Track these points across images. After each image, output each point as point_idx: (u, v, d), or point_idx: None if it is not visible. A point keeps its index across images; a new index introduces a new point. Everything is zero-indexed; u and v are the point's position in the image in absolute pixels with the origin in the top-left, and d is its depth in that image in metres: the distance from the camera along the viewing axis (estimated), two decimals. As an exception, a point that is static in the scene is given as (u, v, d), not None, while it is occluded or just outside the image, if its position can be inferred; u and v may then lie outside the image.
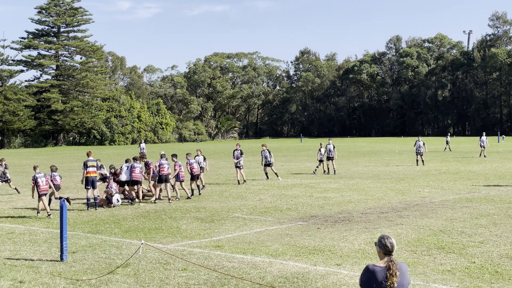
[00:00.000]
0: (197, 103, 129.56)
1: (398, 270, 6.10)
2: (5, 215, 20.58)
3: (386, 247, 6.22)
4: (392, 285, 6.03)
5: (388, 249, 6.21)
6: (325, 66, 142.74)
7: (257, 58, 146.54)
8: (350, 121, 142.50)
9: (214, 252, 13.91)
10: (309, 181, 30.28)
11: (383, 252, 6.24)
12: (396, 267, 6.09)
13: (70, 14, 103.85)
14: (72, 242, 14.98)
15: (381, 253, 6.26)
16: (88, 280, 11.58)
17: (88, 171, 21.61)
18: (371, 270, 6.14)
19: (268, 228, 17.02)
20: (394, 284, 6.04)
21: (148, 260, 13.11)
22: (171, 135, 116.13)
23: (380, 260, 6.24)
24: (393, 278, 6.03)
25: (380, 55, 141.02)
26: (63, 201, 13.57)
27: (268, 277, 11.69)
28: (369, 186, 27.53)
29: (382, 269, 6.11)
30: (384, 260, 6.19)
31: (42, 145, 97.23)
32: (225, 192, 26.04)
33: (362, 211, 19.87)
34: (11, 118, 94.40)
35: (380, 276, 6.08)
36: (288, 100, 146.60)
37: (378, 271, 6.11)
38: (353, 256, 13.20)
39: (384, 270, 6.09)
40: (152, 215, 19.79)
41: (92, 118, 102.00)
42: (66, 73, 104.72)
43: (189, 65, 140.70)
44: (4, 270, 12.50)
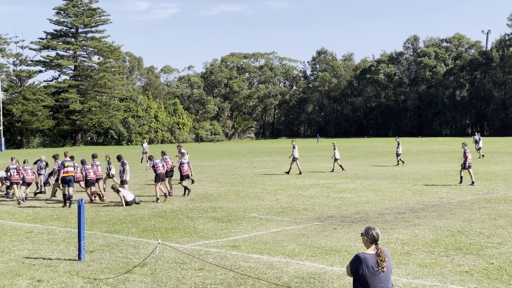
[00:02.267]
0: (214, 103, 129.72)
1: (386, 256, 6.91)
2: (24, 215, 20.76)
3: (373, 237, 7.00)
4: (383, 269, 6.84)
5: (374, 238, 6.99)
6: (342, 66, 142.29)
7: (274, 58, 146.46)
8: (367, 121, 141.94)
9: (231, 252, 13.92)
10: (326, 181, 30.22)
11: (370, 241, 7.00)
12: (384, 253, 6.89)
13: (88, 14, 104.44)
14: (89, 241, 15.07)
15: (368, 242, 7.02)
16: (106, 279, 11.64)
17: (66, 170, 22.76)
18: (362, 257, 6.88)
19: (284, 228, 17.00)
20: (385, 268, 6.86)
21: (165, 260, 13.16)
22: (188, 135, 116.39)
23: (367, 248, 7.00)
24: (383, 263, 6.84)
25: (398, 55, 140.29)
26: (81, 201, 13.66)
27: (285, 277, 11.68)
28: (386, 186, 27.41)
29: (371, 256, 6.88)
30: (371, 248, 6.96)
31: (60, 145, 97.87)
32: (242, 192, 26.06)
33: (379, 212, 19.79)
34: (30, 118, 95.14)
35: (370, 262, 6.83)
36: (304, 100, 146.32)
37: (368, 258, 6.87)
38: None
39: (374, 256, 6.87)
40: (169, 215, 19.85)
41: (110, 118, 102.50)
42: (84, 73, 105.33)
43: (206, 65, 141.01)
44: (22, 269, 12.61)
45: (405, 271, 12.04)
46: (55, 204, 23.36)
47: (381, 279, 6.87)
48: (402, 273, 11.90)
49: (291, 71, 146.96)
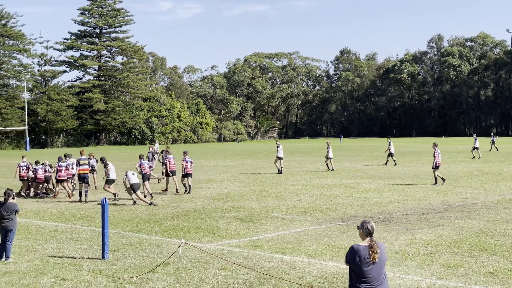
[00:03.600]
0: (237, 103, 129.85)
1: (379, 248, 7.32)
2: (48, 214, 20.97)
3: (367, 230, 7.48)
4: (374, 260, 7.24)
5: (369, 231, 7.47)
6: (365, 66, 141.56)
7: (297, 58, 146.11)
8: (390, 121, 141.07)
9: (253, 252, 13.93)
10: (349, 181, 30.10)
11: (365, 234, 7.48)
12: (377, 246, 7.31)
13: (112, 15, 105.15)
14: (113, 240, 15.17)
15: (363, 235, 7.50)
16: (129, 278, 11.71)
17: (81, 168, 24.39)
18: (356, 249, 7.34)
19: (307, 228, 16.98)
20: (376, 259, 7.25)
21: (188, 259, 13.20)
22: (210, 135, 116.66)
23: (363, 240, 7.46)
24: (374, 254, 7.25)
25: (421, 55, 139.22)
26: (104, 200, 13.76)
27: (307, 277, 11.66)
28: (410, 186, 27.24)
29: (365, 248, 7.32)
30: (366, 240, 7.42)
31: (84, 144, 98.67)
32: (264, 192, 26.06)
33: (402, 212, 19.67)
34: (54, 118, 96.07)
35: (363, 253, 7.27)
36: (327, 100, 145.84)
37: (361, 249, 7.31)
38: (393, 257, 13.07)
39: (367, 248, 7.30)
40: (192, 215, 19.92)
41: (133, 118, 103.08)
42: (107, 73, 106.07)
43: (228, 65, 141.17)
44: (47, 267, 12.73)
45: (429, 271, 11.96)
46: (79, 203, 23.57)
47: (373, 270, 7.28)
48: (426, 273, 11.81)
49: (314, 70, 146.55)
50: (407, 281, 11.29)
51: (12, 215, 13.57)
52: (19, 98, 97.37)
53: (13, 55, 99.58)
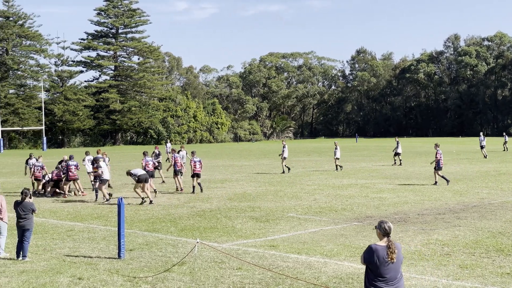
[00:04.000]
0: (252, 103, 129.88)
1: (396, 248, 7.41)
2: (65, 213, 21.11)
3: (385, 230, 7.53)
4: (392, 260, 7.33)
5: (386, 231, 7.53)
6: (381, 66, 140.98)
7: (313, 57, 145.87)
8: (406, 121, 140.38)
9: (269, 252, 13.93)
10: (364, 181, 30.01)
11: (382, 234, 7.54)
12: (394, 246, 7.40)
13: (128, 15, 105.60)
14: (129, 240, 15.24)
15: (380, 234, 7.55)
16: (145, 278, 11.76)
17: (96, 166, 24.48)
18: (374, 248, 7.41)
19: (323, 228, 16.95)
20: (394, 259, 7.34)
21: (204, 259, 13.23)
22: (226, 135, 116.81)
23: (380, 240, 7.52)
24: (393, 254, 7.34)
25: (438, 54, 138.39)
26: (121, 200, 13.82)
27: (323, 277, 11.65)
28: (426, 186, 27.10)
29: (383, 248, 7.39)
30: (383, 240, 7.48)
31: (100, 144, 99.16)
32: (280, 192, 26.05)
33: (419, 212, 19.58)
34: (71, 118, 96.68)
35: (381, 253, 7.35)
36: (343, 99, 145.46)
37: (379, 249, 7.39)
38: (409, 258, 13.02)
39: (385, 248, 7.38)
40: (207, 214, 19.96)
41: (149, 118, 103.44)
42: (124, 73, 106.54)
43: (244, 65, 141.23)
44: (64, 266, 12.82)
45: (445, 272, 11.89)
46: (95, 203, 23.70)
47: (390, 269, 7.38)
48: (442, 274, 11.75)
49: (330, 70, 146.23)
50: (423, 282, 11.24)
51: (29, 215, 13.68)
52: (36, 98, 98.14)
53: (30, 55, 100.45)
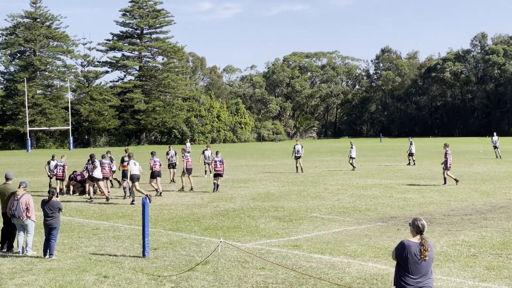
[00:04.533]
0: (276, 103, 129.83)
1: (429, 246, 7.46)
2: (91, 212, 21.29)
3: (418, 227, 7.58)
4: (425, 258, 7.40)
5: (420, 229, 7.57)
6: (406, 65, 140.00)
7: (336, 57, 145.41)
8: (432, 121, 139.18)
9: (292, 252, 13.91)
10: (389, 181, 29.82)
11: (415, 231, 7.59)
12: (427, 244, 7.46)
13: (152, 16, 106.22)
14: (153, 239, 15.33)
15: (413, 232, 7.61)
16: (169, 277, 11.82)
17: (124, 165, 25.44)
18: (406, 244, 7.48)
19: (346, 228, 16.88)
20: (426, 257, 7.41)
21: (227, 258, 13.25)
22: (249, 135, 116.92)
23: (413, 237, 7.58)
24: (426, 252, 7.40)
25: (464, 53, 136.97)
26: (145, 199, 13.90)
27: (347, 277, 11.60)
28: (452, 187, 26.84)
29: (415, 245, 7.46)
30: (416, 237, 7.54)
31: (125, 144, 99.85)
32: (303, 191, 26.00)
33: (444, 213, 19.41)
34: (97, 118, 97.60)
35: (413, 250, 7.42)
36: (367, 99, 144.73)
37: (412, 245, 7.46)
38: (435, 259, 12.89)
39: (418, 245, 7.44)
40: (231, 214, 19.99)
41: (173, 118, 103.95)
42: (148, 73, 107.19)
43: (268, 65, 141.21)
44: (89, 265, 12.93)
45: (472, 273, 11.77)
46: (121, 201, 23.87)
47: (422, 267, 7.42)
48: (468, 275, 11.64)
49: (354, 70, 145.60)
50: (449, 283, 11.14)
51: (56, 213, 13.82)
52: (63, 98, 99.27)
53: (57, 56, 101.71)
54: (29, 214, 14.02)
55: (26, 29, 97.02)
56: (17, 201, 13.94)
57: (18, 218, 13.96)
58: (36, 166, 47.05)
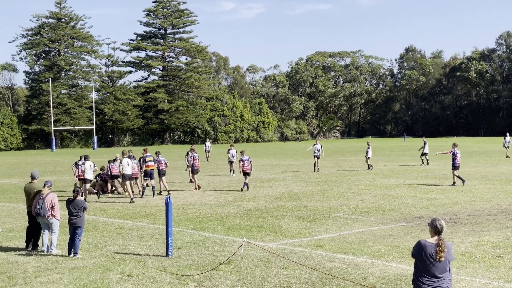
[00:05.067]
0: (299, 102, 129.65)
1: (446, 247, 7.41)
2: (115, 211, 21.45)
3: (436, 228, 7.54)
4: (440, 259, 7.35)
5: (438, 230, 7.53)
6: (431, 64, 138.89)
7: (360, 56, 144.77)
8: (456, 120, 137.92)
9: (315, 252, 13.88)
10: (413, 181, 29.61)
11: (433, 231, 7.56)
12: (444, 245, 7.41)
13: (176, 16, 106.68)
14: (177, 238, 15.39)
15: (432, 232, 7.59)
16: (192, 276, 11.86)
17: (147, 165, 25.33)
18: (422, 244, 7.48)
19: (370, 229, 16.80)
20: (442, 258, 7.36)
21: (250, 258, 13.26)
22: (273, 134, 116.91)
23: (431, 237, 7.56)
24: (441, 253, 7.36)
25: (490, 52, 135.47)
26: (168, 198, 13.96)
27: (370, 278, 11.55)
28: (477, 187, 26.58)
29: (432, 245, 7.43)
30: (434, 238, 7.51)
31: (149, 143, 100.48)
32: (327, 191, 25.93)
33: (469, 213, 19.22)
34: (121, 118, 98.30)
35: (430, 250, 7.41)
36: (391, 99, 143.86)
37: (428, 246, 7.45)
38: (459, 260, 12.80)
39: (434, 246, 7.41)
40: (254, 214, 20.00)
41: (196, 117, 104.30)
42: (172, 73, 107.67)
43: (291, 65, 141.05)
44: (113, 263, 13.02)
45: (497, 274, 11.65)
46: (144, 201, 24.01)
47: (437, 268, 7.41)
48: (493, 276, 11.52)
49: (378, 69, 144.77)
50: (473, 284, 11.04)
51: (80, 212, 13.95)
52: (87, 98, 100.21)
53: (81, 56, 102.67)
54: (54, 213, 14.16)
55: (51, 30, 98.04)
56: (42, 200, 14.09)
57: (43, 217, 14.10)
58: (60, 165, 47.52)
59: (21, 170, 43.50)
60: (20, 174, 39.44)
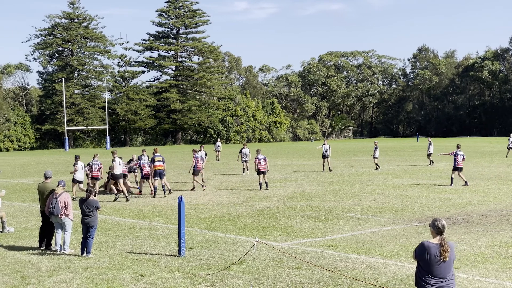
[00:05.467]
0: (311, 102, 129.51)
1: (449, 247, 7.42)
2: (127, 211, 21.52)
3: (438, 228, 7.56)
4: (445, 259, 7.37)
5: (440, 230, 7.55)
6: (444, 64, 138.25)
7: (373, 56, 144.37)
8: (470, 120, 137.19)
9: (328, 252, 13.86)
10: (426, 181, 29.49)
11: (435, 232, 7.58)
12: (447, 244, 7.42)
13: (188, 16, 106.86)
14: (189, 238, 15.42)
15: (433, 233, 7.61)
16: (205, 276, 11.87)
17: (155, 165, 25.40)
18: (426, 245, 7.48)
19: (382, 229, 16.75)
20: (446, 258, 7.38)
21: (262, 258, 13.26)
22: (285, 134, 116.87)
23: (433, 238, 7.57)
24: (445, 253, 7.37)
25: (503, 51, 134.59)
26: (181, 198, 13.99)
27: (383, 278, 11.51)
28: (490, 187, 26.42)
29: (435, 246, 7.44)
30: (436, 238, 7.52)
31: (161, 143, 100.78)
32: (339, 191, 25.88)
33: (482, 213, 19.11)
34: (133, 117, 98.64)
35: (434, 251, 7.41)
36: (404, 98, 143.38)
37: (431, 247, 7.46)
38: (472, 260, 12.73)
39: (437, 246, 7.42)
40: (266, 213, 20.00)
41: (209, 117, 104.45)
42: (184, 73, 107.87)
43: (303, 64, 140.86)
44: (126, 263, 13.07)
45: (510, 275, 11.59)
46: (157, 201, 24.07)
47: (441, 268, 7.42)
48: (507, 277, 11.46)
49: (390, 69, 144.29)
50: (487, 285, 10.98)
51: (93, 212, 14.00)
52: (100, 98, 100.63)
53: (94, 56, 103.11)
54: (67, 212, 14.23)
55: (64, 30, 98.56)
56: (56, 199, 14.17)
57: (56, 216, 14.17)
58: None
59: (34, 169, 43.74)
60: (34, 173, 39.65)
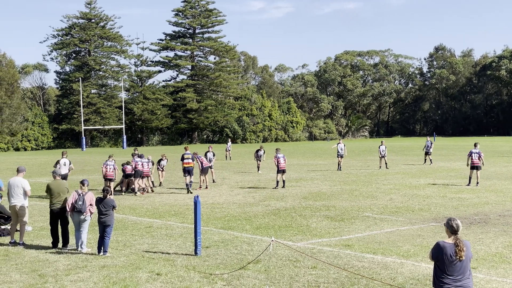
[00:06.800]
0: (327, 102, 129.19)
1: (465, 246, 7.44)
2: (144, 210, 21.62)
3: (452, 227, 7.57)
4: (461, 258, 7.39)
5: (454, 229, 7.56)
6: (461, 63, 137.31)
7: (389, 55, 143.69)
8: (487, 120, 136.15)
9: (344, 251, 13.84)
10: (443, 181, 29.33)
11: (450, 231, 7.60)
12: (463, 244, 7.44)
13: (205, 15, 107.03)
14: (205, 237, 15.46)
15: (448, 232, 7.62)
16: (221, 275, 11.90)
17: (184, 162, 26.67)
18: (442, 245, 7.50)
19: (399, 228, 16.69)
20: (462, 257, 7.40)
21: (278, 257, 13.27)
22: (301, 134, 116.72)
23: (448, 238, 7.58)
24: (461, 252, 7.39)
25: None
26: (197, 197, 14.03)
27: (399, 278, 11.48)
28: (508, 187, 26.22)
29: (450, 245, 7.47)
30: (451, 238, 7.54)
31: (178, 142, 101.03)
32: (355, 191, 25.81)
33: (500, 213, 18.98)
34: (150, 117, 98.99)
35: (449, 251, 7.43)
36: (420, 98, 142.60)
37: (447, 246, 7.47)
38: (490, 260, 12.65)
39: (453, 246, 7.45)
40: (282, 213, 20.00)
41: (225, 117, 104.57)
42: (200, 73, 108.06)
43: (319, 64, 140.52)
44: (142, 262, 13.13)
45: (528, 276, 11.49)
46: (173, 200, 24.16)
47: (458, 267, 7.44)
48: (524, 278, 11.36)
49: (407, 68, 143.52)
50: (504, 285, 10.91)
51: (110, 211, 14.08)
52: (116, 97, 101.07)
53: (111, 56, 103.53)
54: (92, 210, 14.36)
55: (81, 30, 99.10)
56: (83, 197, 14.27)
57: (78, 213, 14.19)
58: (90, 164, 48.02)
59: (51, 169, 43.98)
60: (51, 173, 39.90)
